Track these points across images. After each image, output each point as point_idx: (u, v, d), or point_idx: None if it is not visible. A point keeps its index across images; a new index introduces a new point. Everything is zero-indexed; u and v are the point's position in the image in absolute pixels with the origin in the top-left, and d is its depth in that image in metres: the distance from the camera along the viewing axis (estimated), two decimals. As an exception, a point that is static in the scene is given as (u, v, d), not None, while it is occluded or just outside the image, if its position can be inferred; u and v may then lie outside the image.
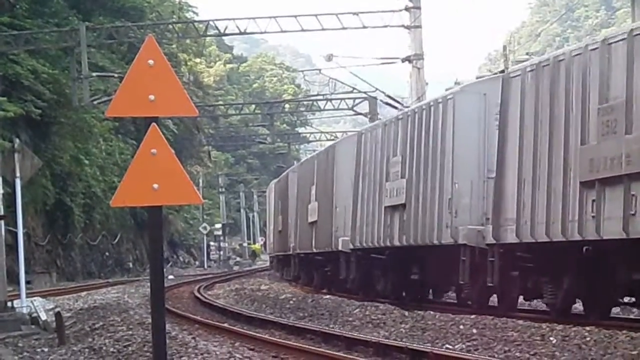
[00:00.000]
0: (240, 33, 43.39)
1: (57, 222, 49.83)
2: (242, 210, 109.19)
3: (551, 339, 14.65)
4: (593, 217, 16.44)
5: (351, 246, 29.74)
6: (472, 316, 18.36)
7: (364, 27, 40.02)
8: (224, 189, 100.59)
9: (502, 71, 22.15)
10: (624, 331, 14.65)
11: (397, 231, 25.65)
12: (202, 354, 14.04)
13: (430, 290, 27.06)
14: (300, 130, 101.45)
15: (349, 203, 30.50)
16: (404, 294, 26.55)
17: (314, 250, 36.65)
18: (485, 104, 21.94)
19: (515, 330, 15.89)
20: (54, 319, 18.96)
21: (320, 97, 57.40)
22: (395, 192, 25.87)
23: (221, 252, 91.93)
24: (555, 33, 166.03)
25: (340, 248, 31.22)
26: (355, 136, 31.93)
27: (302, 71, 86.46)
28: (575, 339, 14.33)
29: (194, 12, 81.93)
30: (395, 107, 38.83)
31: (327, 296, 28.68)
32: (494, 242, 19.73)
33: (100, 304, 27.45)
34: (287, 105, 71.89)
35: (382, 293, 27.43)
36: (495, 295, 21.66)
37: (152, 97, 7.24)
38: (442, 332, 17.02)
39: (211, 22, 45.25)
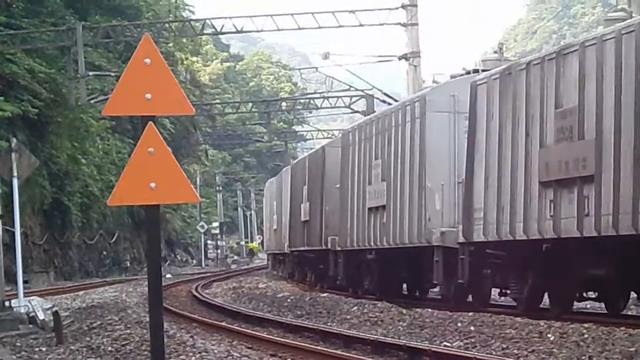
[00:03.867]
0: (237, 31, 43.36)
1: (54, 222, 49.76)
2: (239, 209, 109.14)
3: (549, 336, 14.64)
4: (551, 216, 17.37)
5: (338, 247, 30.25)
6: (470, 314, 18.36)
7: (361, 25, 40.00)
8: (221, 188, 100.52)
9: (474, 70, 22.66)
10: (622, 328, 14.64)
11: (378, 233, 26.22)
12: (200, 353, 14.05)
13: (417, 288, 27.44)
14: (297, 128, 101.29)
15: (337, 204, 30.86)
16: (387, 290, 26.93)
17: (306, 248, 37.07)
18: (454, 105, 22.43)
19: (513, 328, 15.88)
20: (51, 318, 18.95)
21: (317, 95, 57.38)
22: (377, 195, 26.43)
23: (219, 251, 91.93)
24: (551, 30, 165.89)
25: (329, 247, 31.70)
26: (340, 138, 32.26)
27: (299, 69, 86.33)
28: (573, 336, 14.31)
29: (190, 11, 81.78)
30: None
31: (325, 294, 28.69)
32: (464, 241, 20.59)
33: (98, 303, 27.44)
34: (284, 104, 71.90)
35: (369, 290, 27.81)
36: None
37: (149, 95, 7.22)
38: (439, 329, 17.02)
39: (208, 21, 45.26)
